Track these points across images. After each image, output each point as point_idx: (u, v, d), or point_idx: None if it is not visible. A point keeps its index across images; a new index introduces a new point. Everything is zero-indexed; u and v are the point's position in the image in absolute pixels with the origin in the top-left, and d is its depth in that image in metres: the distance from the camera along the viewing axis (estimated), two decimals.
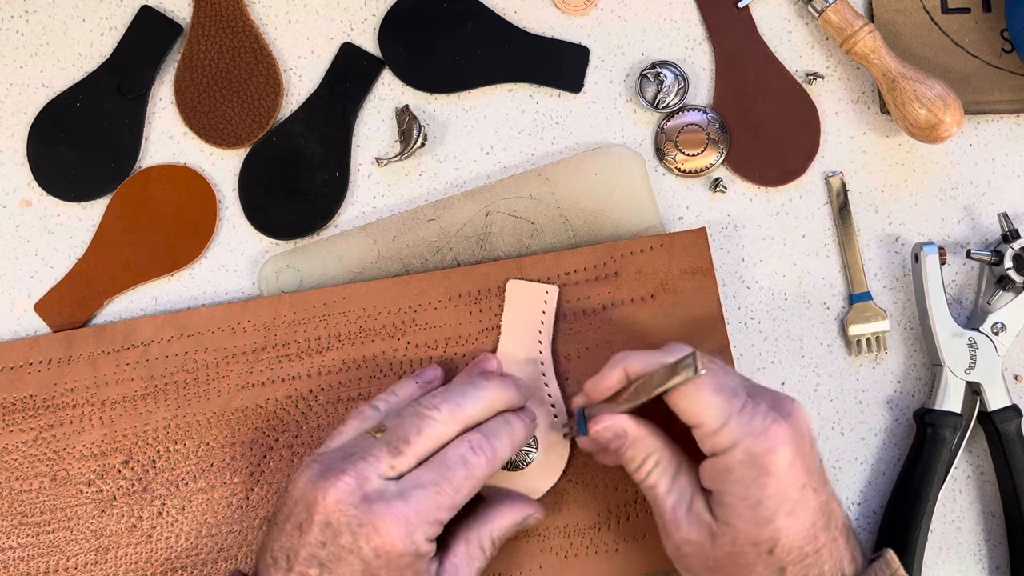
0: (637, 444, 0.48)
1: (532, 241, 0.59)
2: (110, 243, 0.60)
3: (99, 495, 0.56)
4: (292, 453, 0.56)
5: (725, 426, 0.45)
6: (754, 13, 0.61)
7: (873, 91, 0.61)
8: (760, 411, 0.45)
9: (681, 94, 0.60)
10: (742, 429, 0.45)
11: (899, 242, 0.60)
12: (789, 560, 0.44)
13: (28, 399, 0.57)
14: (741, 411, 0.45)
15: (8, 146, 0.61)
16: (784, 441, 0.44)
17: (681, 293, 0.56)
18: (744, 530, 0.45)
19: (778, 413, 0.45)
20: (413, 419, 0.47)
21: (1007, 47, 0.61)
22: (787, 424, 0.45)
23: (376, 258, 0.59)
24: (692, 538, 0.46)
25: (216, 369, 0.57)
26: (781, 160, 0.60)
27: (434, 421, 0.47)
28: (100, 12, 0.62)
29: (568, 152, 0.60)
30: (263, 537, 0.48)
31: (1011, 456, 0.55)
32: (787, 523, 0.44)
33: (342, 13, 0.62)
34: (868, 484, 0.58)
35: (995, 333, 0.57)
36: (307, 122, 0.60)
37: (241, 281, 0.60)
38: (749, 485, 0.44)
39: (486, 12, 0.61)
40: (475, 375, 0.52)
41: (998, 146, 0.61)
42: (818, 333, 0.59)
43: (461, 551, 0.48)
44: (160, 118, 0.61)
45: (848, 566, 0.46)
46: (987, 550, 0.58)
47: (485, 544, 0.49)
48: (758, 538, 0.44)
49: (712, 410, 0.45)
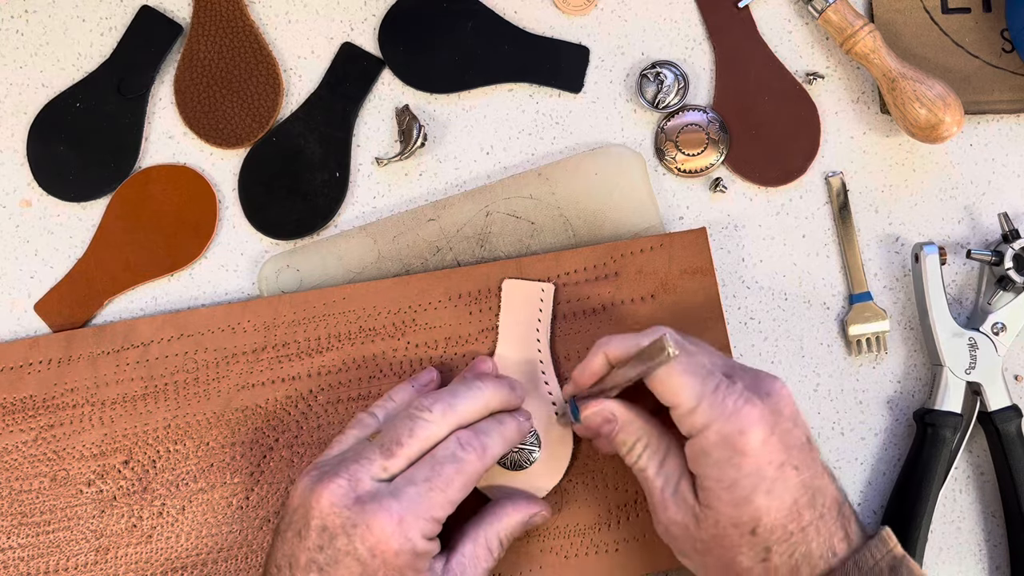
0: (627, 427, 0.49)
1: (532, 241, 0.59)
2: (110, 243, 0.60)
3: (99, 495, 0.56)
4: (292, 453, 0.56)
5: (698, 407, 0.45)
6: (754, 13, 0.61)
7: (873, 91, 0.61)
8: (734, 391, 0.45)
9: (681, 94, 0.60)
10: (714, 410, 0.45)
11: (899, 242, 0.60)
12: (773, 539, 0.44)
13: (28, 399, 0.57)
14: (715, 392, 0.45)
15: (8, 146, 0.61)
16: (756, 421, 0.44)
17: (681, 293, 0.56)
18: (724, 512, 0.45)
19: (755, 393, 0.45)
20: (405, 421, 0.48)
21: (1007, 47, 0.61)
22: (762, 404, 0.45)
23: (376, 258, 0.59)
24: (679, 520, 0.47)
25: (216, 369, 0.57)
26: (781, 160, 0.60)
27: (426, 422, 0.47)
28: (100, 12, 0.62)
29: (568, 152, 0.60)
30: (269, 548, 0.48)
31: (1011, 456, 0.55)
32: (766, 502, 0.44)
33: (342, 13, 0.62)
34: (868, 484, 0.58)
35: (995, 333, 0.57)
36: (307, 122, 0.60)
37: (241, 281, 0.60)
38: (724, 466, 0.45)
39: (486, 12, 0.61)
40: (469, 377, 0.52)
41: (998, 146, 0.61)
42: (818, 333, 0.59)
43: (468, 551, 0.48)
44: (160, 118, 0.61)
45: (839, 544, 0.45)
46: (987, 550, 0.58)
47: (492, 544, 0.49)
48: (739, 519, 0.45)
49: (686, 391, 0.46)
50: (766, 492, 0.44)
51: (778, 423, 0.45)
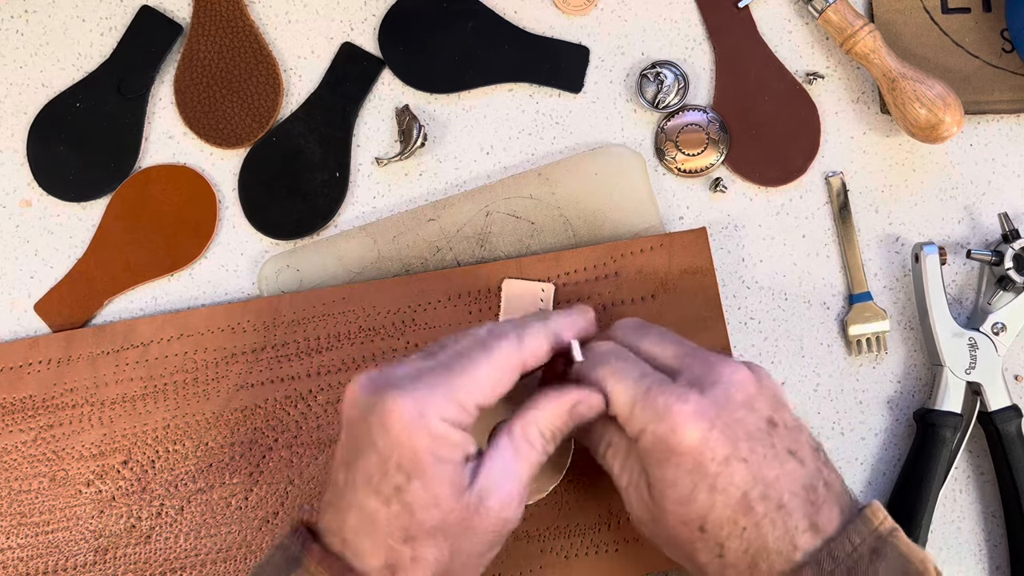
0: (595, 425, 0.47)
1: (532, 241, 0.59)
2: (110, 243, 0.60)
3: (98, 495, 0.56)
4: (291, 453, 0.56)
5: (632, 412, 0.44)
6: (754, 13, 0.61)
7: (873, 91, 0.61)
8: (667, 390, 0.43)
9: (681, 94, 0.60)
10: (645, 414, 0.43)
11: (899, 242, 0.60)
12: (723, 536, 0.43)
13: (28, 399, 0.57)
14: (646, 394, 0.44)
15: (8, 146, 0.61)
16: (690, 417, 0.42)
17: (681, 293, 0.56)
18: (671, 511, 0.44)
19: (696, 386, 0.44)
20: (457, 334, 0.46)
21: (1007, 47, 0.61)
22: (700, 397, 0.43)
23: (376, 258, 0.59)
24: (642, 517, 0.46)
25: (216, 369, 0.57)
26: (781, 160, 0.60)
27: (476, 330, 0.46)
28: (100, 12, 0.62)
29: (568, 152, 0.60)
30: None
31: (1011, 456, 0.55)
32: (709, 499, 0.42)
33: (342, 13, 0.62)
34: (868, 484, 0.58)
35: (995, 333, 0.56)
36: (307, 122, 0.60)
37: (241, 281, 0.60)
38: (664, 465, 0.43)
39: (486, 12, 0.61)
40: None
41: (998, 146, 0.61)
42: (818, 333, 0.59)
43: (503, 443, 0.44)
44: (160, 118, 0.61)
45: (802, 537, 0.42)
46: (987, 550, 0.58)
47: (532, 435, 0.45)
48: (686, 517, 0.43)
49: (619, 399, 0.44)
50: (708, 489, 0.42)
51: (721, 414, 0.43)
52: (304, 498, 0.55)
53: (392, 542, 0.41)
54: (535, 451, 0.45)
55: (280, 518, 0.55)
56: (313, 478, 0.56)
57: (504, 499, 0.43)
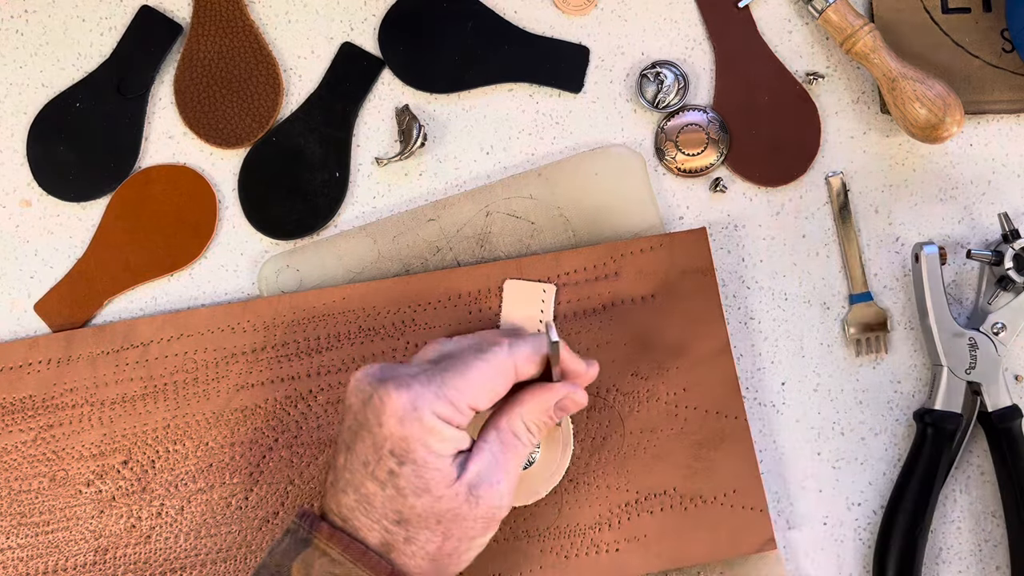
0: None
1: (532, 241, 0.59)
2: (110, 243, 0.60)
3: (98, 495, 0.56)
4: (291, 453, 0.56)
5: None
6: (754, 13, 0.61)
7: (873, 91, 0.61)
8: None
9: (681, 94, 0.60)
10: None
11: (899, 242, 0.60)
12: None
13: (27, 399, 0.57)
14: None
15: (8, 146, 0.61)
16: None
17: (681, 293, 0.56)
18: None
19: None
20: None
21: (1007, 47, 0.61)
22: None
23: (376, 258, 0.59)
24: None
25: (216, 369, 0.57)
26: (781, 160, 0.60)
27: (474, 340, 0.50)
28: (100, 12, 0.62)
29: (568, 152, 0.60)
30: None
31: (1011, 456, 0.55)
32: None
33: (342, 13, 0.62)
34: (868, 484, 0.58)
35: (995, 333, 0.56)
36: (307, 122, 0.60)
37: (241, 281, 0.60)
38: None
39: (486, 12, 0.61)
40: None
41: (998, 146, 0.61)
42: (818, 333, 0.59)
43: (491, 437, 0.47)
44: (160, 118, 0.61)
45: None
46: (987, 550, 0.58)
47: (518, 429, 0.48)
48: None
49: None
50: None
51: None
52: (304, 498, 0.55)
53: (387, 523, 0.45)
54: (520, 443, 0.48)
55: (280, 518, 0.55)
56: (313, 478, 0.56)
57: (492, 489, 0.46)
